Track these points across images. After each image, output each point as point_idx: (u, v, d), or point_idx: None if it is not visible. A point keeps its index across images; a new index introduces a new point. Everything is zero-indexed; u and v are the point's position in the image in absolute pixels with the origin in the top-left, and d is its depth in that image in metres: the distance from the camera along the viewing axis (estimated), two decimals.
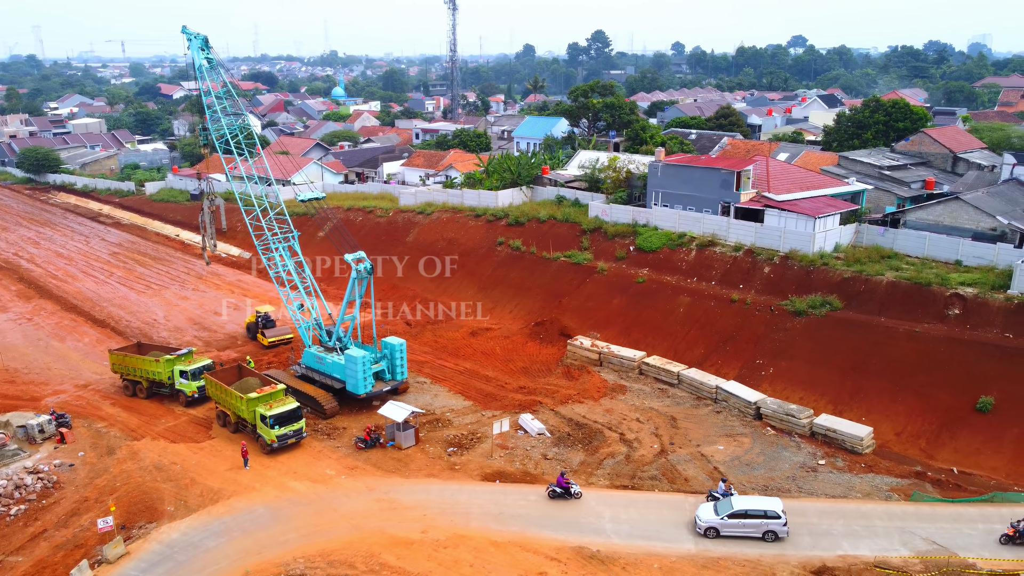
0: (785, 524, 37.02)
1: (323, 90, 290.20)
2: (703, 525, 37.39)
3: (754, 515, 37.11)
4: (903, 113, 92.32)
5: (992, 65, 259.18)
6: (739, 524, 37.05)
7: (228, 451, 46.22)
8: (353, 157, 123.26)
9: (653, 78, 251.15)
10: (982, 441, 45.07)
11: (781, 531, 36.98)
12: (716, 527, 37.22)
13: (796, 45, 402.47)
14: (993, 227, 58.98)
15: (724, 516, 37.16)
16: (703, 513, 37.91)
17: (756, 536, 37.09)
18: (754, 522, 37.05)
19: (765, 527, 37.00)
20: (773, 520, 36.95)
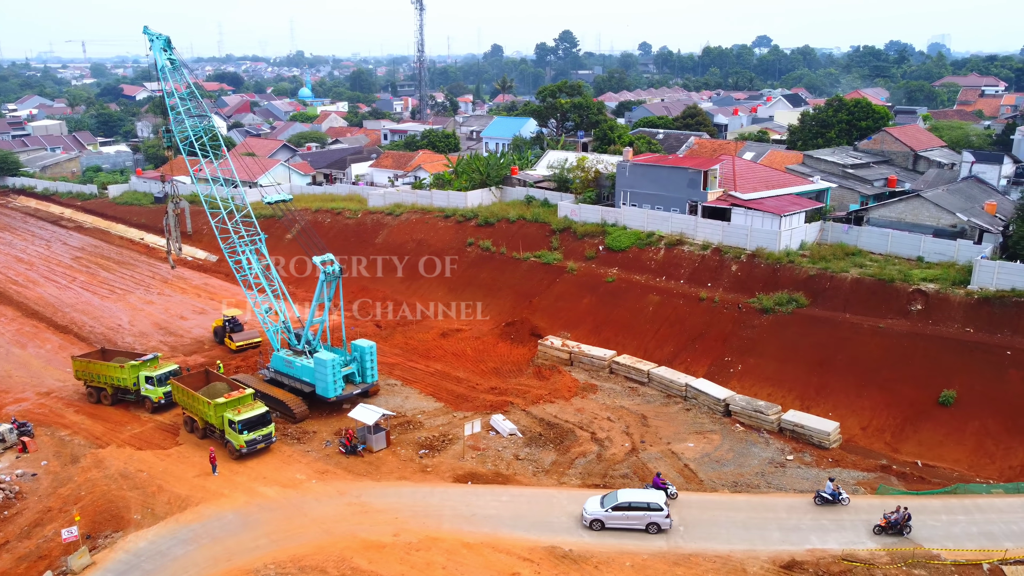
0: (668, 516, 37.62)
1: (290, 91, 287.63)
2: (588, 518, 37.95)
3: (637, 507, 37.65)
4: (865, 112, 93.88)
5: (951, 65, 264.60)
6: (623, 516, 37.63)
7: (196, 457, 45.57)
8: (321, 158, 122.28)
9: (621, 78, 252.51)
10: (944, 434, 45.99)
11: (664, 523, 37.58)
12: (601, 519, 37.77)
13: (761, 45, 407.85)
14: (953, 224, 60.20)
15: (609, 508, 37.72)
16: (589, 506, 38.45)
17: (640, 528, 37.69)
18: (638, 514, 37.60)
19: (648, 519, 37.56)
20: (656, 512, 37.48)
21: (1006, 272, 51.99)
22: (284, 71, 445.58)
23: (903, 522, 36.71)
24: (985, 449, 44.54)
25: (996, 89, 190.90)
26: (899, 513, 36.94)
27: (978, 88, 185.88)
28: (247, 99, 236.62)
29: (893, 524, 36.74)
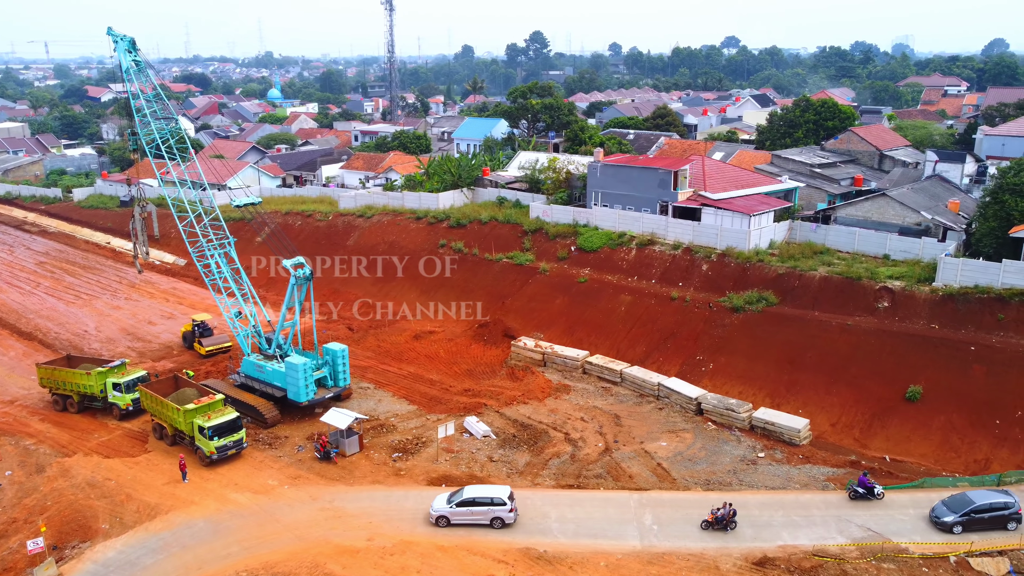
0: (512, 511, 38.21)
1: (259, 92, 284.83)
2: (434, 514, 38.54)
3: (481, 503, 38.27)
4: (832, 112, 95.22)
5: (914, 65, 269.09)
6: (467, 512, 38.23)
7: (165, 465, 44.93)
8: (291, 160, 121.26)
9: (591, 79, 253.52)
10: (911, 429, 46.77)
11: (508, 517, 38.18)
12: (446, 515, 38.33)
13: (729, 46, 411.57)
14: (918, 222, 61.23)
15: (453, 504, 38.34)
16: (436, 503, 39.03)
17: (484, 523, 38.26)
18: (482, 509, 38.22)
19: (492, 514, 38.14)
20: (499, 507, 38.11)
21: (969, 269, 52.98)
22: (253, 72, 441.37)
23: (728, 518, 37.27)
24: (951, 443, 45.37)
25: (958, 89, 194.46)
26: (725, 509, 37.46)
27: (941, 88, 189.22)
28: (215, 100, 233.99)
29: (719, 520, 37.25)
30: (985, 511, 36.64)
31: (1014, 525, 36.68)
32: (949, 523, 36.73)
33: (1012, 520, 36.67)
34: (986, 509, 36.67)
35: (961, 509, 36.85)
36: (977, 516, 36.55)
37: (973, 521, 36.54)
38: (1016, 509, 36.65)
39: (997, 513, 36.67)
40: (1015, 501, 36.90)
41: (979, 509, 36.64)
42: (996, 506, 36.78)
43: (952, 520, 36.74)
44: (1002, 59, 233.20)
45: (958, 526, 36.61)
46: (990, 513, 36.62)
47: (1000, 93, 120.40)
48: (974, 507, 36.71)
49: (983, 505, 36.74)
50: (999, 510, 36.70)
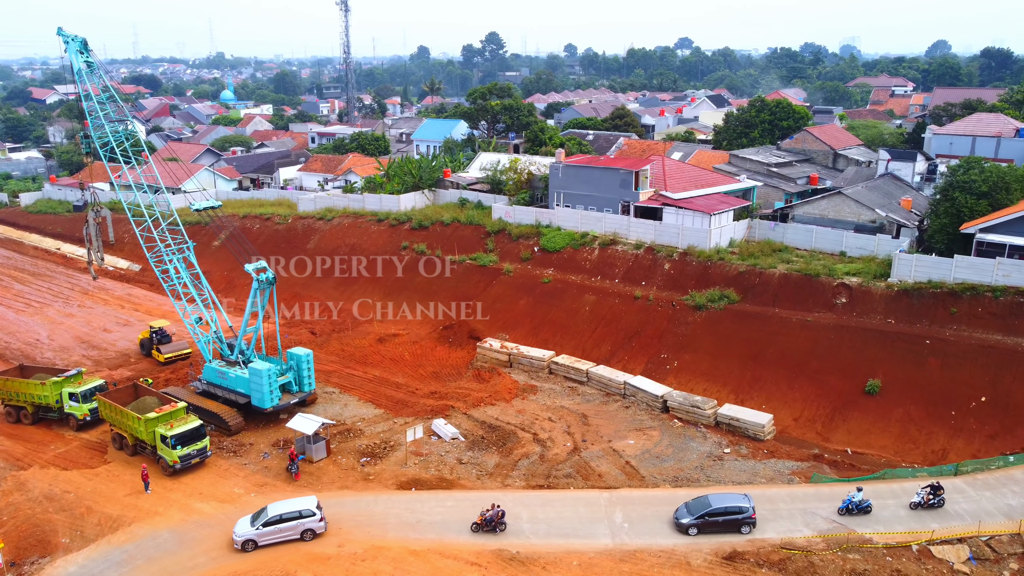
0: (321, 520, 37.50)
1: (211, 93, 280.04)
2: (239, 539, 36.70)
3: (289, 518, 37.12)
4: (786, 112, 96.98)
5: (862, 66, 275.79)
6: (276, 530, 36.89)
7: (126, 475, 43.87)
8: (247, 163, 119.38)
9: (548, 79, 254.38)
10: (871, 422, 47.86)
11: (318, 527, 37.51)
12: (253, 539, 36.73)
13: (683, 47, 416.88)
14: (873, 219, 62.68)
15: (260, 525, 36.78)
16: (240, 527, 37.20)
17: (296, 538, 37.23)
18: (291, 524, 37.14)
19: (302, 527, 37.22)
20: (309, 519, 37.24)
21: (923, 265, 54.43)
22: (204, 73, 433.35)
23: (497, 519, 37.57)
24: (909, 435, 46.53)
25: (905, 89, 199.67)
26: (494, 511, 37.69)
27: (888, 88, 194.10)
28: (166, 102, 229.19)
29: (488, 521, 37.37)
30: (720, 514, 36.98)
31: (748, 529, 37.09)
32: (685, 525, 37.17)
33: (746, 524, 37.02)
34: (721, 512, 37.00)
35: (698, 512, 37.25)
36: (712, 519, 36.96)
37: (708, 524, 36.96)
38: (750, 514, 36.95)
39: (731, 517, 36.99)
40: (750, 506, 37.16)
41: (714, 512, 36.98)
42: (731, 510, 37.05)
43: (688, 522, 37.18)
44: (946, 60, 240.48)
45: (693, 528, 37.08)
46: (724, 516, 36.97)
47: (946, 93, 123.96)
48: (709, 510, 37.07)
49: (718, 509, 37.08)
50: (733, 514, 37.00)
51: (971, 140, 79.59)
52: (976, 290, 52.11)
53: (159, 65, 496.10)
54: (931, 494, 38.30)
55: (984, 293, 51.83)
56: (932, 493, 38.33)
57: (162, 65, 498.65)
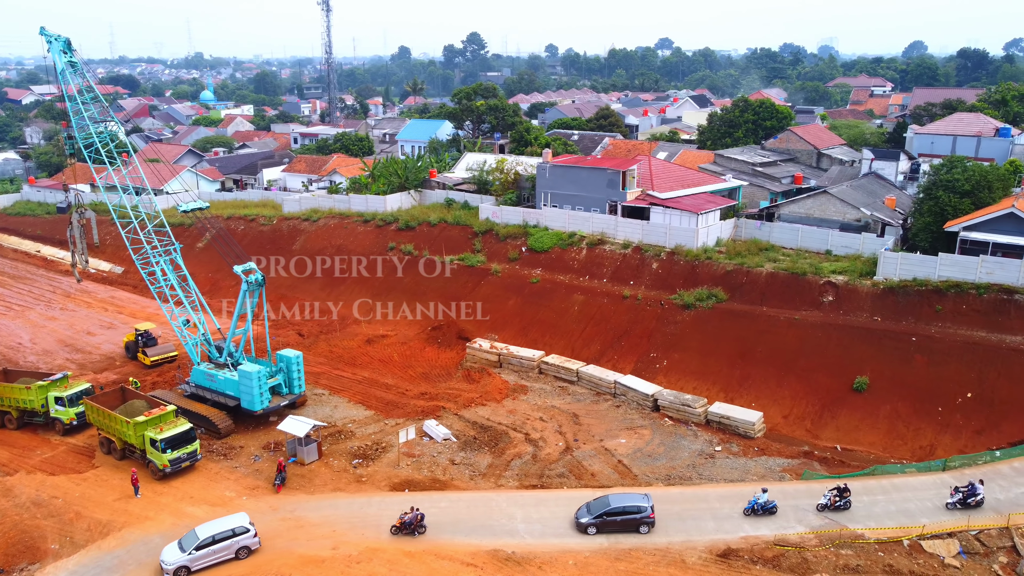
0: (255, 535, 36.44)
1: (190, 94, 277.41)
2: (170, 568, 34.75)
3: (222, 538, 35.86)
4: (770, 112, 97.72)
5: (841, 66, 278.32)
6: (209, 553, 35.52)
7: (115, 480, 43.39)
8: (230, 163, 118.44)
9: (531, 80, 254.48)
10: (860, 418, 48.36)
11: (253, 543, 36.49)
12: (186, 565, 35.08)
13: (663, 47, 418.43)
14: (858, 218, 63.29)
15: (192, 550, 35.19)
16: (168, 555, 35.30)
17: (230, 558, 36.10)
18: (225, 544, 35.90)
19: (237, 545, 36.11)
20: (243, 535, 36.21)
21: (908, 263, 55.07)
22: (183, 73, 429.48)
23: (417, 522, 37.37)
24: (897, 431, 47.06)
25: (884, 89, 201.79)
26: (413, 514, 37.53)
27: (867, 88, 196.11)
28: (145, 103, 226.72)
29: (407, 524, 37.05)
30: (618, 514, 37.18)
31: (646, 529, 37.28)
32: (584, 524, 37.35)
33: (644, 524, 37.19)
34: (619, 512, 37.20)
35: (597, 511, 37.42)
36: (610, 519, 37.15)
37: (606, 523, 37.16)
38: (648, 513, 37.13)
39: (629, 516, 37.19)
40: (648, 506, 37.38)
41: (612, 512, 37.18)
42: (629, 509, 37.27)
43: (587, 521, 37.39)
44: (923, 60, 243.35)
45: (592, 527, 37.31)
46: (622, 516, 37.17)
47: (926, 93, 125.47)
48: (608, 510, 37.26)
49: (616, 508, 37.27)
50: (631, 513, 37.21)
51: (952, 140, 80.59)
52: (960, 288, 52.78)
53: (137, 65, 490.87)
54: (837, 496, 38.30)
55: (968, 291, 52.51)
56: (839, 495, 38.33)
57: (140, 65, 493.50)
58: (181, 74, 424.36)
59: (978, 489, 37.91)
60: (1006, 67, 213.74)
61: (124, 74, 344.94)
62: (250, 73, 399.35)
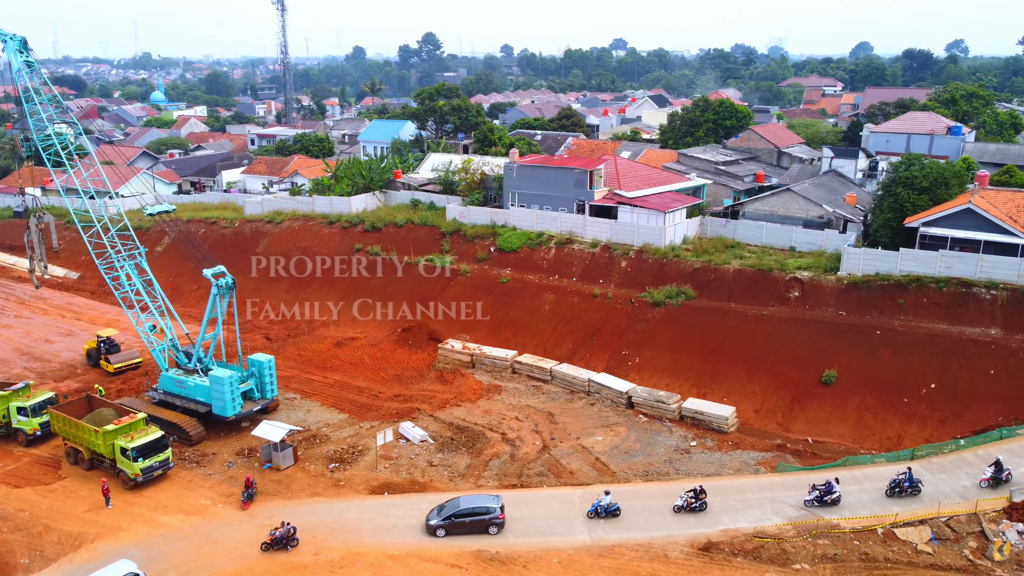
0: None
1: (140, 95, 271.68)
2: None
3: None
4: (729, 112, 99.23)
5: (792, 67, 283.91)
6: None
7: (84, 491, 42.24)
8: (186, 166, 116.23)
9: (488, 80, 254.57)
10: (829, 411, 49.41)
11: None
12: None
13: (618, 48, 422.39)
14: (820, 215, 64.65)
15: None
16: None
17: None
18: None
19: None
20: None
21: (870, 258, 56.45)
22: (131, 74, 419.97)
23: (288, 536, 36.50)
24: (865, 423, 48.20)
25: (835, 89, 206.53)
26: (284, 528, 36.54)
27: (819, 88, 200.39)
28: (93, 104, 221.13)
29: (279, 540, 36.21)
30: (467, 515, 37.27)
31: (495, 530, 37.41)
32: (433, 526, 37.41)
33: (493, 525, 37.32)
34: (468, 513, 37.29)
35: (446, 514, 37.51)
36: (459, 520, 37.25)
37: (455, 524, 37.23)
38: (497, 514, 37.27)
39: (478, 517, 37.29)
40: (497, 507, 37.51)
41: (460, 513, 37.27)
42: (478, 511, 37.36)
43: (436, 523, 37.42)
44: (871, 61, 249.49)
45: (441, 529, 37.34)
46: (471, 517, 37.27)
47: (879, 93, 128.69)
48: (456, 511, 37.34)
49: (465, 510, 37.36)
50: (480, 515, 37.31)
51: (906, 138, 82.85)
52: (921, 281, 54.27)
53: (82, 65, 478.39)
54: (693, 497, 38.74)
55: (929, 284, 54.02)
56: (695, 496, 38.79)
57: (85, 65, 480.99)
58: (129, 74, 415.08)
59: (834, 487, 38.70)
60: (950, 67, 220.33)
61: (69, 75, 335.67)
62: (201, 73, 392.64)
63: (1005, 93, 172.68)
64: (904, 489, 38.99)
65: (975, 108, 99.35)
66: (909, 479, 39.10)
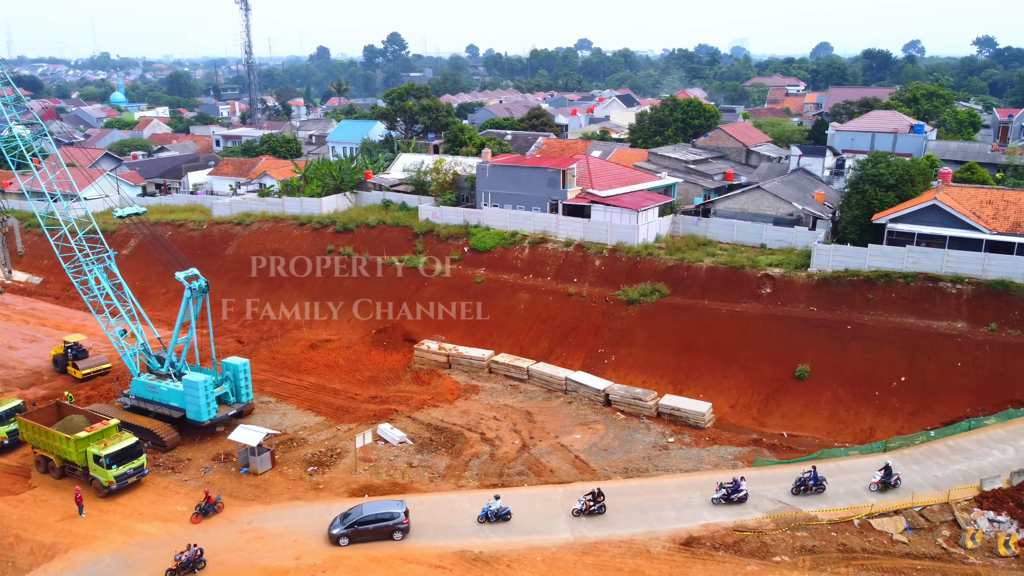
0: None
1: (99, 95, 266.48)
2: None
3: None
4: (698, 111, 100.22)
5: (755, 67, 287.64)
6: None
7: (56, 500, 41.35)
8: (151, 167, 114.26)
9: (455, 80, 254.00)
10: (803, 405, 50.18)
11: None
12: None
13: (583, 48, 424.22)
14: (790, 212, 65.59)
15: None
16: None
17: None
18: None
19: None
20: None
21: (839, 255, 57.44)
22: (89, 74, 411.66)
23: (195, 559, 34.73)
24: (839, 416, 49.03)
25: (798, 88, 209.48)
26: (191, 551, 34.73)
27: (783, 88, 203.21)
28: (51, 105, 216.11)
29: (185, 564, 34.51)
30: (370, 522, 37.03)
31: (400, 535, 37.21)
32: (336, 535, 36.99)
33: (397, 530, 37.15)
34: (371, 520, 37.05)
35: (349, 522, 37.17)
36: (362, 527, 36.98)
37: (359, 532, 36.97)
38: (401, 519, 37.13)
39: (382, 524, 37.07)
40: (401, 512, 37.39)
41: (363, 520, 37.01)
42: (381, 517, 37.13)
43: (338, 532, 37.04)
44: (832, 61, 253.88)
45: (344, 538, 36.98)
46: (374, 524, 37.03)
47: (841, 92, 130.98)
48: (359, 519, 37.06)
49: (368, 516, 37.10)
50: (384, 520, 37.09)
51: (871, 136, 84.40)
52: (889, 277, 55.36)
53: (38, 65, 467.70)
54: (591, 500, 38.81)
55: (897, 279, 55.13)
56: (592, 499, 38.85)
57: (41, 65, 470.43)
58: (87, 75, 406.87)
59: (741, 486, 39.26)
60: (908, 67, 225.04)
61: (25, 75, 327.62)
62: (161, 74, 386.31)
63: (963, 92, 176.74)
64: (809, 487, 39.51)
65: (936, 107, 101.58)
66: (814, 477, 39.63)
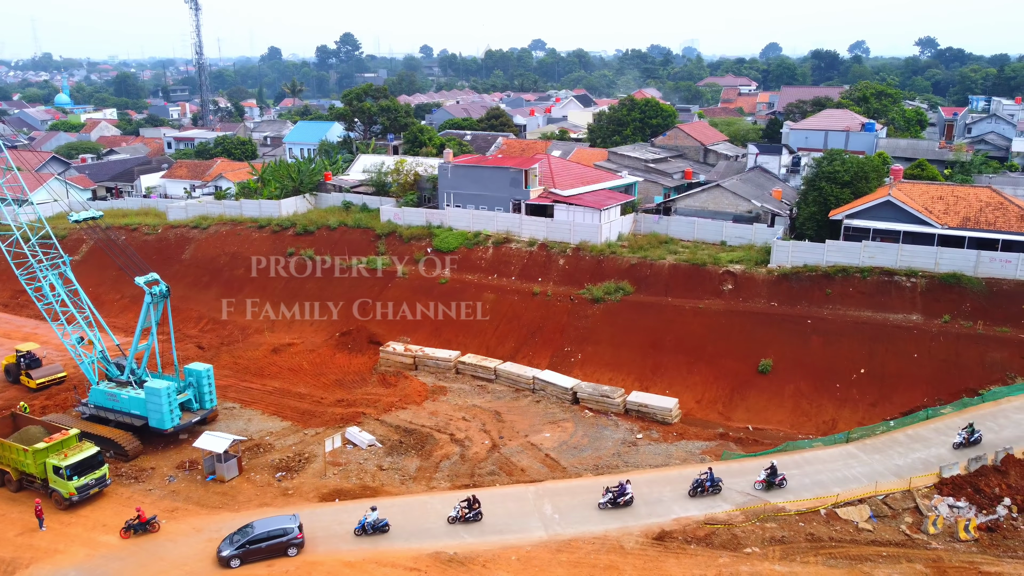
0: None
1: (43, 97, 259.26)
2: None
3: None
4: (655, 111, 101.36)
5: (708, 67, 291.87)
6: None
7: (13, 514, 40.06)
8: (101, 170, 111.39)
9: (411, 80, 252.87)
10: (767, 399, 51.06)
11: None
12: None
13: (537, 48, 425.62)
14: (749, 210, 66.70)
15: None
16: None
17: None
18: None
19: None
20: None
21: (798, 251, 58.62)
22: (31, 75, 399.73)
23: None
24: (802, 409, 50.01)
25: (750, 88, 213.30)
26: None
27: (735, 88, 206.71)
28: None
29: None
30: (263, 540, 35.74)
31: (295, 551, 36.20)
32: (227, 557, 35.40)
33: (292, 546, 36.13)
34: (264, 538, 35.76)
35: (240, 541, 35.82)
36: (254, 547, 35.68)
37: (251, 552, 35.64)
38: (295, 535, 36.15)
39: (275, 541, 35.92)
40: (295, 527, 36.41)
41: (256, 539, 35.70)
42: (274, 534, 35.96)
43: (229, 554, 35.46)
44: (782, 61, 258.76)
45: (236, 559, 35.47)
46: (268, 542, 35.79)
47: (795, 92, 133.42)
48: (251, 537, 35.76)
49: (260, 535, 35.82)
50: (277, 537, 35.97)
51: (824, 134, 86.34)
52: (847, 271, 56.70)
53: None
54: (467, 508, 38.30)
55: (854, 274, 56.48)
56: (468, 507, 38.33)
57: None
58: (29, 76, 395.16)
59: (627, 489, 39.59)
60: (855, 67, 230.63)
61: None
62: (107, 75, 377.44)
63: (908, 91, 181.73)
64: (706, 488, 40.08)
65: (884, 105, 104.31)
66: (711, 479, 40.25)
